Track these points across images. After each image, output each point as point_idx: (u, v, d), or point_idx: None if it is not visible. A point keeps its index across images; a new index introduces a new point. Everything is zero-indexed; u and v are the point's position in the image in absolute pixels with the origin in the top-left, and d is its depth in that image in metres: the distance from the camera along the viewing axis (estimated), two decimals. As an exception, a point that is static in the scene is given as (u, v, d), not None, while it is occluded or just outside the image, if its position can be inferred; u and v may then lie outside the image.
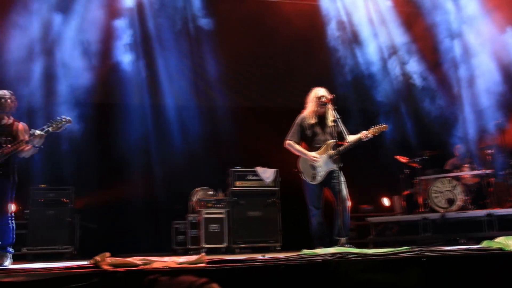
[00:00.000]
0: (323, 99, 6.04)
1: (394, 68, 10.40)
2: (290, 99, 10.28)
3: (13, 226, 5.62)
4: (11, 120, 5.67)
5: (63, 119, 5.53)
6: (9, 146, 5.40)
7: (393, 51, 10.39)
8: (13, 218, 5.64)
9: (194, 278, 1.73)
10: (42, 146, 5.45)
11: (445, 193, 8.55)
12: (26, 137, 5.39)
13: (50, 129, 5.45)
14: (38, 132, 5.33)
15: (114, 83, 9.33)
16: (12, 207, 5.64)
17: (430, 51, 10.21)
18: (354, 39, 10.27)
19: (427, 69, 10.28)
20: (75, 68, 8.99)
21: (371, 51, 10.35)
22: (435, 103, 10.24)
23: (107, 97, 9.62)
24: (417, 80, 10.34)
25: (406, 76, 10.38)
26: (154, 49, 9.71)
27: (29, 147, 5.42)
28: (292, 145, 6.15)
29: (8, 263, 5.41)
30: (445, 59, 10.20)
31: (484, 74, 9.73)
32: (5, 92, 5.64)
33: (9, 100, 5.62)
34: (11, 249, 5.59)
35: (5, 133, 5.53)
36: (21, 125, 5.68)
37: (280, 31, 9.72)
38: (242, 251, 8.33)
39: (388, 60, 10.40)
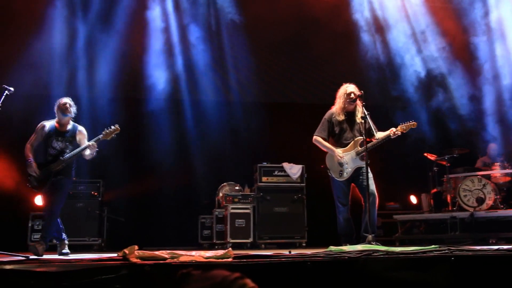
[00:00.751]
0: (352, 96, 5.99)
1: (424, 62, 10.21)
2: (318, 95, 10.23)
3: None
4: (71, 125, 6.11)
5: (112, 128, 6.01)
6: (67, 151, 5.93)
7: (423, 44, 10.19)
8: None
9: (227, 272, 1.74)
10: (97, 149, 5.97)
11: (475, 191, 8.41)
12: (87, 143, 5.91)
13: (100, 137, 5.97)
14: (91, 142, 5.88)
15: (144, 78, 9.41)
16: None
17: (462, 46, 9.99)
18: (383, 34, 10.13)
19: (458, 63, 10.07)
20: (106, 64, 9.12)
21: (401, 45, 10.18)
22: (467, 99, 10.03)
23: (137, 92, 9.73)
24: (448, 75, 10.13)
25: (436, 71, 10.20)
26: (185, 44, 9.77)
27: (88, 152, 5.92)
28: (319, 141, 6.11)
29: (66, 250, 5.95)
30: (477, 52, 9.95)
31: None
32: (67, 99, 6.07)
33: (70, 107, 6.03)
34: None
35: (69, 138, 6.01)
36: (80, 128, 6.15)
37: (309, 27, 9.67)
38: (268, 246, 8.35)
39: (418, 54, 10.21)
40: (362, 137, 5.87)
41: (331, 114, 6.16)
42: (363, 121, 5.81)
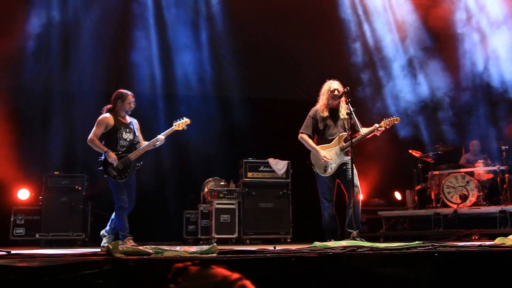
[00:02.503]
0: (336, 92, 6.02)
1: (408, 58, 10.21)
2: (304, 91, 10.23)
3: None
4: (129, 118, 6.29)
5: (183, 120, 6.33)
6: (136, 141, 6.18)
7: (406, 37, 10.19)
8: None
9: (227, 272, 1.71)
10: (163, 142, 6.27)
11: (458, 188, 8.50)
12: (158, 136, 6.19)
13: (174, 127, 6.29)
14: (162, 135, 6.21)
15: (126, 71, 9.33)
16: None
17: (445, 39, 10.00)
18: (368, 30, 10.12)
19: (443, 60, 10.10)
20: (88, 57, 9.03)
21: (386, 39, 10.16)
22: (451, 95, 10.07)
23: (119, 86, 9.62)
24: (432, 72, 10.15)
25: (421, 66, 10.21)
26: (166, 37, 9.68)
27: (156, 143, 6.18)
28: (305, 139, 6.12)
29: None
30: (461, 48, 9.95)
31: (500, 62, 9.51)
32: (132, 96, 6.20)
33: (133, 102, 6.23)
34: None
35: (133, 129, 6.21)
36: (135, 120, 6.35)
37: (296, 24, 9.64)
38: (252, 242, 8.36)
39: (403, 49, 10.20)
40: (346, 133, 5.91)
41: (315, 111, 6.20)
42: (347, 117, 5.85)
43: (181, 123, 6.34)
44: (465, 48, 9.77)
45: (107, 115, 6.10)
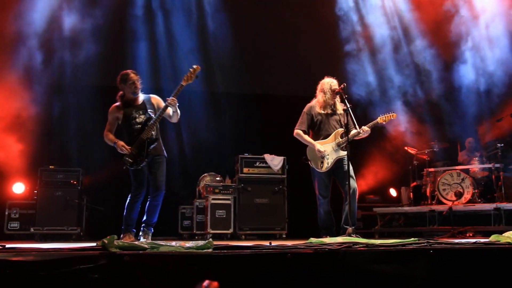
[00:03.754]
0: (333, 89, 6.02)
1: (405, 53, 10.19)
2: (300, 87, 10.20)
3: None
4: (142, 95, 5.83)
5: (191, 70, 5.69)
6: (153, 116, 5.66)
7: (404, 33, 10.17)
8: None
9: None
10: (178, 104, 5.63)
11: (453, 185, 8.53)
12: (169, 100, 5.59)
13: (182, 83, 5.66)
14: (170, 98, 5.57)
15: (122, 65, 9.27)
16: None
17: (442, 37, 9.99)
18: (363, 24, 10.11)
19: (438, 56, 10.08)
20: (83, 51, 8.98)
21: (383, 35, 10.13)
22: (446, 92, 10.06)
23: (114, 80, 9.59)
24: (429, 67, 10.13)
25: (417, 62, 10.20)
26: (163, 31, 9.64)
27: (171, 111, 5.65)
28: (300, 134, 6.13)
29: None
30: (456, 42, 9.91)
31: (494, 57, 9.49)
32: (134, 76, 5.72)
33: (139, 84, 5.76)
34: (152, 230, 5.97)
35: (149, 108, 5.76)
36: (152, 95, 5.91)
37: (292, 21, 9.63)
38: (248, 237, 8.36)
39: (400, 44, 10.19)
40: (342, 129, 5.91)
41: (310, 107, 6.20)
42: (343, 113, 5.84)
43: (189, 74, 5.65)
44: (458, 42, 9.76)
45: (116, 104, 5.80)
